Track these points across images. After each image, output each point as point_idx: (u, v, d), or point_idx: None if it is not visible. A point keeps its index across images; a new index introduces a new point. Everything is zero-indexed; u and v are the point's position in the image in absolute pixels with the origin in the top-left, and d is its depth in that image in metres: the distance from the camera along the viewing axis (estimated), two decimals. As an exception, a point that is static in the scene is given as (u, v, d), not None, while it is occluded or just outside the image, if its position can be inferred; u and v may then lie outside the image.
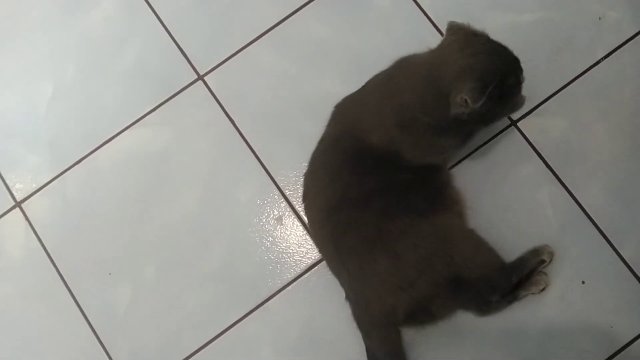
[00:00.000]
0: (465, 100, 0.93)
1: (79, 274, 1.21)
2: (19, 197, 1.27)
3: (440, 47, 1.01)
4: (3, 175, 1.28)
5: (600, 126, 1.17)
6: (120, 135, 1.27)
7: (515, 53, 0.99)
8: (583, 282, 1.11)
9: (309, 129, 1.16)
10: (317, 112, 1.13)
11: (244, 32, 1.29)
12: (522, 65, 0.99)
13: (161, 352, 1.17)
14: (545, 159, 1.17)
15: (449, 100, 0.95)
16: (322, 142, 1.11)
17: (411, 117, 1.00)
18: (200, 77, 1.28)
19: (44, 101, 1.31)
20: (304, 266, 1.18)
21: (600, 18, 1.22)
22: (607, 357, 1.08)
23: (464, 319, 1.10)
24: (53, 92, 1.31)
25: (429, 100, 0.98)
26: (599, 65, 1.20)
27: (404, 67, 1.04)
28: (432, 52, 1.02)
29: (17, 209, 1.26)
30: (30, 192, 1.26)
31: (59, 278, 1.21)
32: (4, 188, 1.27)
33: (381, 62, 1.08)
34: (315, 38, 1.27)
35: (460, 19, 1.03)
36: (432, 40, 1.07)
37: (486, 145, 1.18)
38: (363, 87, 1.10)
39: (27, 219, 1.25)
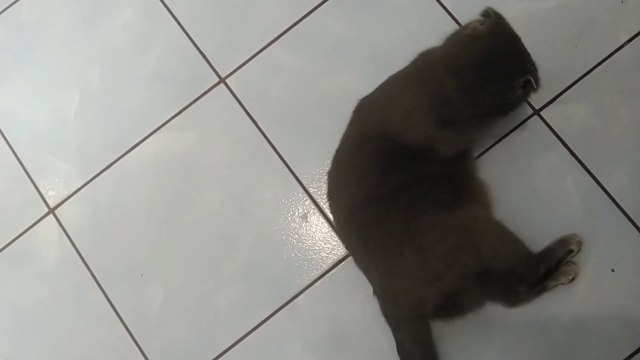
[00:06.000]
0: (527, 82, 0.98)
1: (113, 276, 1.24)
2: (52, 204, 1.30)
3: (490, 33, 1.00)
4: (36, 182, 1.32)
5: (625, 112, 1.15)
6: (146, 140, 1.29)
7: (535, 41, 0.99)
8: (613, 270, 1.09)
9: (330, 126, 1.16)
10: (338, 109, 1.13)
11: (263, 33, 1.30)
12: (544, 52, 1.01)
13: (194, 351, 1.19)
14: (570, 146, 1.15)
15: (508, 84, 0.98)
16: (346, 141, 1.11)
17: (456, 111, 1.01)
18: (222, 80, 1.30)
19: (72, 109, 1.34)
20: (330, 262, 1.19)
21: (622, 1, 1.20)
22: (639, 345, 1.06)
23: (493, 311, 1.10)
24: (79, 100, 1.34)
25: (483, 89, 0.99)
26: (623, 49, 1.18)
27: (446, 65, 1.01)
28: (479, 39, 1.00)
29: (51, 215, 1.29)
30: (62, 199, 1.30)
31: (93, 281, 1.24)
32: (38, 195, 1.31)
33: (399, 55, 1.08)
34: (332, 36, 1.28)
35: (478, 8, 1.02)
36: (450, 31, 1.07)
37: (510, 136, 1.17)
38: (385, 87, 1.09)
39: (60, 224, 1.29)
